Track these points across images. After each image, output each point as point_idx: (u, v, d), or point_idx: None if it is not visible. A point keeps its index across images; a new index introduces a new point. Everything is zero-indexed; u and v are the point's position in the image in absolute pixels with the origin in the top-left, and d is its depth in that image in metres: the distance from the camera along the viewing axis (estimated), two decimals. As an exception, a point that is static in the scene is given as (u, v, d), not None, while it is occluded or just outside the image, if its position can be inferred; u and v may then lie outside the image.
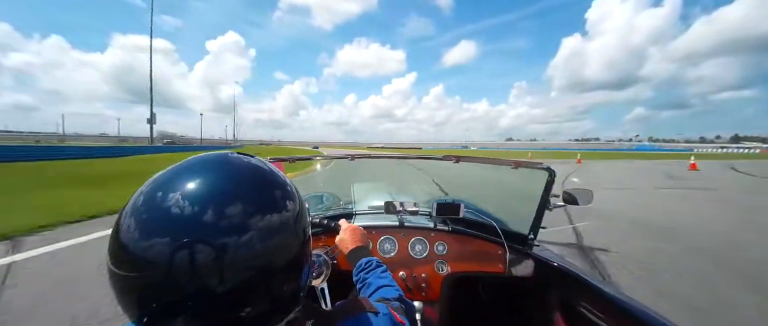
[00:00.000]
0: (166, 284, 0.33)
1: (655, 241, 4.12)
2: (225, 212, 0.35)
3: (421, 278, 1.28)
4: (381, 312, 0.52)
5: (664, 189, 9.14)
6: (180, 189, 0.36)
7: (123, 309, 0.35)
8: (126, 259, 0.34)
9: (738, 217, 5.63)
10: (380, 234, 1.35)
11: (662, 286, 2.83)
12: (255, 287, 0.36)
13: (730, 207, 6.59)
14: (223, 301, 0.34)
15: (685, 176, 12.67)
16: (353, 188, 2.08)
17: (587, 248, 3.79)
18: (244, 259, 0.35)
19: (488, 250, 1.33)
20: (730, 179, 12.25)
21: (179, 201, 0.35)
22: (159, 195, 0.36)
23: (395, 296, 0.67)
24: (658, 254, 3.67)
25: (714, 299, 2.63)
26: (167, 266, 0.32)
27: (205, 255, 0.33)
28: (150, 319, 0.34)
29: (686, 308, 2.48)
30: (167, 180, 0.38)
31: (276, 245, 0.38)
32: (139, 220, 0.35)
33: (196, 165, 0.40)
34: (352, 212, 1.67)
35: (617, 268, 3.19)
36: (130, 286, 0.34)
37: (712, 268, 3.27)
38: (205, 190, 0.37)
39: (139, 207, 0.36)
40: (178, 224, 0.34)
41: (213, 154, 0.43)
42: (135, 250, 0.33)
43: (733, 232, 4.68)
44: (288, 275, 0.40)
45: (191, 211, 0.34)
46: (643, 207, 6.53)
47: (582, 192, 1.35)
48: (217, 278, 0.33)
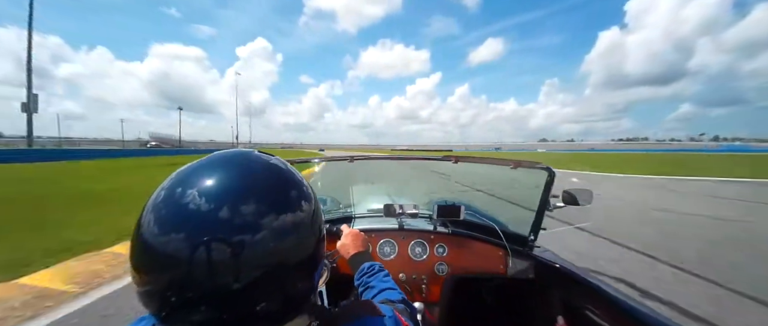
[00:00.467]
0: (185, 279, 0.33)
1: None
2: (243, 209, 0.35)
3: (422, 280, 1.28)
4: (386, 314, 0.50)
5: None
6: (198, 186, 0.36)
7: (142, 302, 0.35)
8: (146, 255, 0.35)
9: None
10: (380, 237, 1.34)
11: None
12: (271, 283, 0.36)
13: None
14: (240, 296, 0.34)
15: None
16: (352, 191, 2.07)
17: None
18: (261, 256, 0.35)
19: (488, 252, 1.32)
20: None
21: (196, 198, 0.35)
22: (178, 192, 0.36)
23: (398, 298, 0.67)
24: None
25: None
26: (187, 262, 0.32)
27: (223, 252, 0.33)
28: (169, 313, 0.34)
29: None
30: (187, 176, 0.38)
31: (292, 242, 0.38)
32: (158, 217, 0.35)
33: (216, 162, 0.40)
34: (351, 215, 1.64)
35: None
36: (150, 281, 0.34)
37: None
38: (223, 187, 0.37)
39: (158, 204, 0.36)
40: (196, 221, 0.34)
41: (233, 151, 0.43)
42: (155, 245, 0.34)
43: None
44: (302, 272, 0.40)
45: (209, 208, 0.34)
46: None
47: (582, 193, 1.28)
48: (235, 274, 0.34)
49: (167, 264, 0.33)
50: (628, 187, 9.75)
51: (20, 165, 16.35)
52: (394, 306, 0.58)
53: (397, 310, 0.55)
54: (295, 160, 1.49)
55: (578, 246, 3.81)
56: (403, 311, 0.59)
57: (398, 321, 0.51)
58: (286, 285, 0.38)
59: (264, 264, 0.35)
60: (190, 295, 0.33)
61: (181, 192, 0.36)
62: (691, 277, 2.98)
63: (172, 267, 0.33)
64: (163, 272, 0.34)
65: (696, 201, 7.16)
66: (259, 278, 0.35)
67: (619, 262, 3.34)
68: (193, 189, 0.36)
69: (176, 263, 0.33)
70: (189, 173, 0.38)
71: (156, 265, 0.34)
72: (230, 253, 0.33)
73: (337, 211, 1.80)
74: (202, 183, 0.36)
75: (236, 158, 0.41)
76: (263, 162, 0.42)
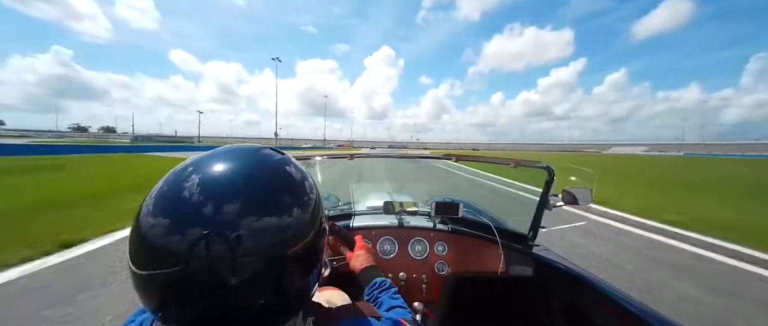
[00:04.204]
0: (183, 276, 0.33)
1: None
2: (242, 205, 0.35)
3: (421, 279, 1.27)
4: (385, 317, 0.51)
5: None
6: (198, 181, 0.36)
7: (140, 297, 0.35)
8: (143, 250, 0.34)
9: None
10: (380, 234, 1.34)
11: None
12: (269, 280, 0.36)
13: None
14: (238, 293, 0.34)
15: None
16: (352, 188, 2.07)
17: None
18: (261, 252, 0.35)
19: (488, 250, 1.31)
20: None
21: (195, 194, 0.35)
22: (177, 187, 0.36)
23: (408, 318, 0.62)
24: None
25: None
26: (185, 259, 0.32)
27: (221, 248, 0.33)
28: (167, 309, 0.34)
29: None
30: (187, 171, 0.38)
31: (292, 239, 0.38)
32: (156, 212, 0.35)
33: (218, 157, 0.40)
34: (351, 212, 1.61)
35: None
36: (147, 277, 0.34)
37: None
38: (223, 183, 0.36)
39: (157, 200, 0.36)
40: (194, 217, 0.33)
41: (236, 146, 0.43)
42: (152, 241, 0.33)
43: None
44: (302, 269, 0.40)
45: (207, 204, 0.34)
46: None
47: (581, 192, 1.25)
48: (233, 270, 0.33)
49: (165, 261, 0.33)
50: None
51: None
52: (403, 318, 0.57)
53: (405, 319, 0.55)
54: (299, 156, 1.55)
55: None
56: (411, 320, 0.59)
57: (399, 323, 0.51)
58: (285, 282, 0.37)
59: (263, 260, 0.35)
60: (188, 292, 0.33)
61: (181, 187, 0.36)
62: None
63: (171, 263, 0.32)
64: (160, 268, 0.33)
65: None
66: (258, 275, 0.35)
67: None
68: (192, 184, 0.35)
69: (174, 259, 0.32)
70: (189, 168, 0.38)
71: (154, 261, 0.33)
72: (229, 249, 0.33)
73: (336, 208, 1.84)
74: (202, 179, 0.36)
75: (238, 153, 0.41)
76: (266, 157, 0.42)
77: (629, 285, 2.71)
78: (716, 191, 8.89)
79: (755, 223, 4.79)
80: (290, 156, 0.46)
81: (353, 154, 1.71)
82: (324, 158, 1.68)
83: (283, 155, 0.44)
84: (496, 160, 1.46)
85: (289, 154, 0.47)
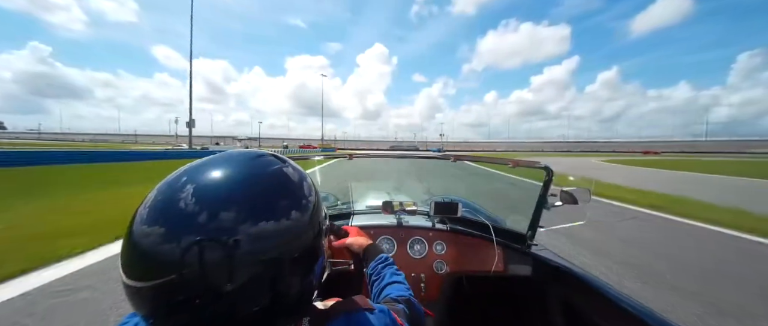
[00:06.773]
0: (176, 282, 0.32)
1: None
2: (237, 210, 0.35)
3: (420, 278, 1.28)
4: (378, 309, 0.50)
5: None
6: (192, 187, 0.36)
7: (132, 304, 0.35)
8: (136, 256, 0.34)
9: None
10: (379, 233, 1.34)
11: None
12: (266, 287, 0.36)
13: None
14: (233, 300, 0.34)
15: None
16: (352, 187, 2.07)
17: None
18: (257, 257, 0.34)
19: (487, 250, 1.31)
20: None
21: (189, 199, 0.34)
22: (171, 193, 0.36)
23: (405, 296, 0.67)
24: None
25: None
26: (179, 265, 0.32)
27: (216, 255, 0.33)
28: (159, 315, 0.34)
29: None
30: (181, 177, 0.37)
31: (289, 243, 0.37)
32: (149, 218, 0.34)
33: (214, 163, 0.40)
34: (350, 211, 1.63)
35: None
36: (140, 283, 0.33)
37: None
38: (219, 188, 0.36)
39: (150, 205, 0.35)
40: (187, 223, 0.33)
41: (233, 151, 0.43)
42: (145, 246, 0.33)
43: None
44: (300, 275, 0.39)
45: (202, 210, 0.34)
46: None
47: (580, 192, 1.24)
48: (228, 277, 0.33)
49: (159, 270, 0.32)
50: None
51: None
52: (394, 307, 0.58)
53: (395, 310, 0.55)
54: (297, 157, 1.56)
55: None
56: (401, 311, 0.59)
57: (393, 318, 0.51)
58: (283, 286, 0.37)
59: (259, 265, 0.35)
60: (182, 299, 0.33)
61: (175, 193, 0.35)
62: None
63: (165, 272, 0.32)
64: (154, 278, 0.32)
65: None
66: (255, 280, 0.34)
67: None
68: (187, 189, 0.35)
69: (167, 266, 0.32)
70: (184, 174, 0.38)
71: (146, 267, 0.33)
72: (223, 255, 0.33)
73: (335, 207, 1.84)
74: (196, 184, 0.36)
75: (234, 158, 0.41)
76: (261, 161, 0.41)
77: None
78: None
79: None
80: (289, 159, 0.46)
81: (357, 155, 1.73)
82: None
83: (282, 160, 0.44)
84: (496, 160, 1.47)
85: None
